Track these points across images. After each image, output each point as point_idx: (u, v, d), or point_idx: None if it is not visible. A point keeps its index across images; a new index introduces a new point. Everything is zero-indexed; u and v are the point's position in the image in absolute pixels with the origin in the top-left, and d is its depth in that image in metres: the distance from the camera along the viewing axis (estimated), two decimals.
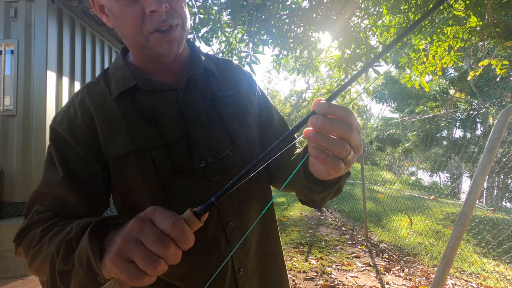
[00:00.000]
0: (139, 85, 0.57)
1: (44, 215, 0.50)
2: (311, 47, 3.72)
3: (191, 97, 0.60)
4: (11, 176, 3.83)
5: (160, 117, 0.57)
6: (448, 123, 14.91)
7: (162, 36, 0.52)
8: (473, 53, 11.19)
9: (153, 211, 0.36)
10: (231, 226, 0.58)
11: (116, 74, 0.60)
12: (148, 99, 0.58)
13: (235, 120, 0.62)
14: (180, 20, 0.53)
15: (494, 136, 1.09)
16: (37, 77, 3.93)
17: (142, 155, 0.54)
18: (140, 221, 0.35)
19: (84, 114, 0.56)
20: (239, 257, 0.59)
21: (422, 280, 2.88)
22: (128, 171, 0.54)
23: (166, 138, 0.55)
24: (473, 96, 14.65)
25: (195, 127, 0.58)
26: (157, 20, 0.50)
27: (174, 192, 0.55)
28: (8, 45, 4.02)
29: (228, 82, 0.66)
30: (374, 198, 7.76)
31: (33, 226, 0.49)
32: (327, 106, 0.37)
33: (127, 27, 0.52)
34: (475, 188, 1.08)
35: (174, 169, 0.54)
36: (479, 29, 3.31)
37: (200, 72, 0.62)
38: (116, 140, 0.54)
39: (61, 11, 4.28)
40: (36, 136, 3.85)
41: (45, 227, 0.46)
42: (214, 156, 0.57)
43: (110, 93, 0.58)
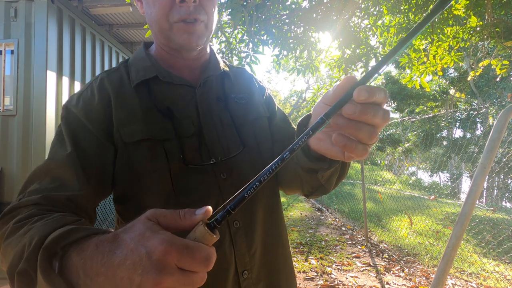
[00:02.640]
0: (159, 76, 0.58)
1: (31, 199, 0.45)
2: (311, 47, 3.72)
3: (206, 96, 0.61)
4: (11, 176, 3.83)
5: (176, 111, 0.58)
6: (448, 123, 14.92)
7: (185, 26, 0.54)
8: (473, 53, 11.20)
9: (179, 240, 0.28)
10: (236, 225, 0.57)
11: (137, 64, 0.60)
12: (166, 92, 0.59)
13: (246, 123, 0.63)
14: (205, 17, 0.55)
15: (494, 136, 1.09)
16: (37, 77, 3.93)
17: (155, 145, 0.54)
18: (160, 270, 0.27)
19: (102, 96, 0.56)
20: (243, 259, 0.57)
21: (422, 280, 2.88)
22: (138, 159, 0.54)
23: (180, 132, 0.56)
24: (473, 96, 14.66)
25: (208, 125, 0.59)
26: (184, 11, 0.53)
27: (181, 185, 0.54)
28: (8, 45, 4.02)
29: (241, 87, 0.68)
30: (374, 198, 7.76)
31: (15, 211, 0.44)
32: (368, 94, 0.32)
33: (155, 12, 0.54)
34: (475, 188, 1.08)
35: (184, 163, 0.54)
36: (479, 29, 3.31)
37: (217, 74, 0.64)
38: (130, 126, 0.54)
39: (61, 11, 4.28)
40: (36, 136, 3.85)
41: (19, 218, 0.40)
42: (224, 155, 0.58)
43: (129, 81, 0.59)
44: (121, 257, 0.28)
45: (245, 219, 0.58)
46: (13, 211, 0.44)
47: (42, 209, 0.43)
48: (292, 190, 0.66)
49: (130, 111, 0.55)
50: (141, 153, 0.53)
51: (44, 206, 0.44)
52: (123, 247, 0.29)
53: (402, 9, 3.38)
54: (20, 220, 0.40)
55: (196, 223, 0.31)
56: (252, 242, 0.58)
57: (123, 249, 0.28)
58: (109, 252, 0.29)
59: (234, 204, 0.32)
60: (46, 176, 0.49)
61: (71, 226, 0.34)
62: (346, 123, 0.34)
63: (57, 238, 0.32)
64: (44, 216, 0.40)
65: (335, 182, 0.54)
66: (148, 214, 0.31)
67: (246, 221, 0.58)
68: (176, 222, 0.31)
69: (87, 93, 0.57)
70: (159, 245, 0.27)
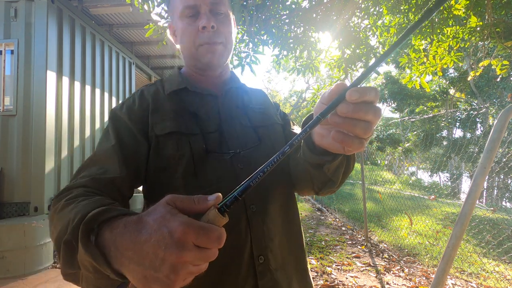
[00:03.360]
0: (188, 87, 0.71)
1: (81, 181, 0.54)
2: (311, 47, 3.72)
3: (228, 103, 0.73)
4: (11, 176, 3.83)
5: (201, 113, 0.69)
6: (448, 123, 14.91)
7: (208, 47, 0.67)
8: (473, 53, 11.20)
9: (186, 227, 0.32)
10: (253, 209, 0.62)
11: (170, 80, 0.75)
12: (193, 99, 0.71)
13: (262, 125, 0.73)
14: (223, 40, 0.69)
15: (494, 136, 1.09)
16: (37, 77, 3.93)
17: (181, 137, 0.64)
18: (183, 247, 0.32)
19: (141, 102, 0.69)
20: (260, 243, 0.61)
21: (422, 280, 2.88)
22: (168, 148, 0.63)
23: (203, 128, 0.66)
24: (473, 96, 14.65)
25: (228, 125, 0.69)
26: (206, 36, 0.66)
27: (203, 172, 0.62)
28: (8, 45, 4.01)
29: (258, 100, 0.81)
30: (374, 198, 7.76)
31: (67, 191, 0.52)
32: (359, 94, 0.37)
33: (186, 40, 0.69)
34: (475, 188, 1.08)
35: (206, 152, 0.63)
36: (479, 29, 3.31)
37: (236, 87, 0.77)
38: (163, 123, 0.65)
39: (61, 11, 4.28)
40: (36, 136, 3.85)
41: (69, 197, 0.48)
42: (241, 148, 0.67)
43: (163, 91, 0.72)
44: (147, 236, 0.33)
45: (262, 205, 0.64)
46: (66, 191, 0.52)
47: (87, 191, 0.51)
48: (305, 190, 0.70)
49: (163, 112, 0.67)
50: (170, 143, 0.63)
51: (90, 188, 0.53)
52: (148, 227, 0.33)
53: (402, 9, 3.38)
54: (70, 198, 0.48)
55: (208, 208, 0.35)
56: (269, 230, 0.63)
57: (147, 229, 0.33)
58: (135, 231, 0.34)
59: (241, 191, 0.36)
60: (94, 164, 0.59)
61: (105, 207, 0.40)
62: (342, 121, 0.39)
63: (94, 216, 0.38)
64: (88, 197, 0.47)
65: (342, 176, 0.59)
66: (167, 198, 0.36)
67: (263, 207, 0.64)
68: (191, 206, 0.35)
69: (129, 101, 0.71)
70: (179, 226, 0.32)
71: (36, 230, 3.23)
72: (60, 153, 4.15)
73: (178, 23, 0.70)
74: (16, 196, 3.78)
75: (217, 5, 0.67)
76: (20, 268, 3.09)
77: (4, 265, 3.04)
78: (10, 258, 3.06)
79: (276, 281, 0.61)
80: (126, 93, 6.20)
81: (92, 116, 4.95)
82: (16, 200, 3.78)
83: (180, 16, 0.68)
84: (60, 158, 4.14)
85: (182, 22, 0.68)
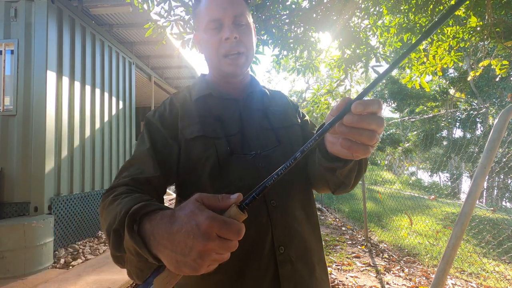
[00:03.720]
0: (212, 93, 0.78)
1: (123, 181, 0.63)
2: (311, 47, 3.72)
3: (249, 106, 0.79)
4: (11, 176, 3.83)
5: (224, 117, 0.75)
6: (448, 123, 14.90)
7: (230, 61, 0.72)
8: (473, 53, 11.19)
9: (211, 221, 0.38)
10: (273, 204, 0.68)
11: (196, 86, 0.81)
12: (217, 104, 0.77)
13: (282, 127, 0.78)
14: (245, 50, 0.73)
15: (494, 136, 1.09)
16: (37, 77, 3.93)
17: (207, 140, 0.70)
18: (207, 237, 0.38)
19: (171, 109, 0.76)
20: (279, 235, 0.66)
21: (422, 280, 2.88)
22: (195, 150, 0.70)
23: (227, 131, 0.72)
24: (473, 96, 14.65)
25: (250, 128, 0.75)
26: (228, 46, 0.71)
27: (227, 171, 0.69)
28: (8, 45, 4.01)
29: (278, 102, 0.85)
30: (374, 198, 7.76)
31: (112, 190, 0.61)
32: (363, 107, 0.42)
33: (209, 50, 0.74)
34: (475, 188, 1.08)
35: (230, 153, 0.69)
36: (479, 29, 3.31)
37: (257, 90, 0.83)
38: (191, 127, 0.72)
39: (61, 11, 4.27)
40: (36, 136, 3.85)
41: (115, 195, 0.57)
42: (262, 149, 0.72)
43: (190, 97, 0.78)
44: (178, 227, 0.39)
45: (281, 200, 0.69)
46: (111, 189, 0.61)
47: (129, 189, 0.60)
48: (322, 189, 0.76)
49: (191, 117, 0.74)
50: (198, 146, 0.70)
51: (131, 187, 0.61)
52: (179, 220, 0.40)
53: (402, 9, 3.38)
54: (115, 195, 0.57)
55: (231, 205, 0.41)
56: (288, 223, 0.68)
57: (179, 222, 0.40)
58: (169, 223, 0.41)
59: (259, 191, 0.42)
60: (133, 165, 0.67)
61: (145, 202, 0.48)
62: (348, 130, 0.44)
63: (136, 210, 0.46)
64: (129, 194, 0.56)
65: (354, 178, 0.63)
66: (196, 196, 0.42)
67: (282, 203, 0.69)
68: (216, 203, 0.41)
69: (161, 108, 0.78)
70: (205, 219, 0.38)
71: (36, 230, 3.23)
72: (60, 153, 4.15)
73: (203, 35, 0.75)
74: (16, 196, 3.78)
75: (239, 17, 0.72)
76: (20, 268, 3.09)
77: (4, 265, 3.04)
78: (10, 258, 3.06)
79: (297, 270, 0.66)
80: (126, 93, 6.20)
81: (92, 116, 4.95)
82: (16, 200, 3.78)
83: (205, 28, 0.74)
84: (60, 158, 4.14)
85: (206, 33, 0.74)
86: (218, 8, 0.71)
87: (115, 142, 5.64)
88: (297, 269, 0.66)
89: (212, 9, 0.72)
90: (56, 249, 3.91)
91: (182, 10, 3.03)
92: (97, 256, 3.76)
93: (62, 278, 3.00)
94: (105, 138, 5.32)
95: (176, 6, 3.00)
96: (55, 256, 3.68)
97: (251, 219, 0.59)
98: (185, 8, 2.99)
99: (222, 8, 0.71)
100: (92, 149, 4.91)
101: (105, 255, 3.74)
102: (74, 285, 2.82)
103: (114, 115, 5.65)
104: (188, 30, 3.08)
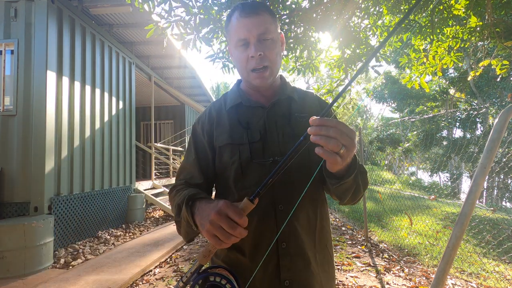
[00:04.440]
0: (243, 102, 0.90)
1: (181, 181, 0.89)
2: (311, 47, 3.72)
3: (273, 114, 0.88)
4: (11, 176, 3.83)
5: (251, 124, 0.86)
6: (448, 123, 14.90)
7: (257, 75, 0.83)
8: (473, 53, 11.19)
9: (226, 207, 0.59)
10: (281, 208, 0.79)
11: (231, 96, 0.94)
12: (247, 112, 0.89)
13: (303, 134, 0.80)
14: (269, 64, 0.82)
15: (494, 136, 1.09)
16: (37, 77, 3.93)
17: (234, 147, 0.84)
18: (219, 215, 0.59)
19: (210, 118, 0.91)
20: (283, 234, 0.78)
21: (422, 280, 2.88)
22: (225, 155, 0.84)
23: (251, 138, 0.84)
24: (473, 96, 14.65)
25: (272, 134, 0.85)
26: (255, 62, 0.81)
27: (248, 174, 0.82)
28: (8, 45, 4.02)
29: (305, 107, 0.92)
30: (374, 198, 7.76)
31: (175, 187, 0.87)
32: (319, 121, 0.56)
33: (239, 64, 0.85)
34: (475, 188, 1.08)
35: (251, 159, 0.82)
36: (479, 29, 3.31)
37: (284, 97, 0.90)
38: (222, 135, 0.86)
39: (61, 11, 4.28)
40: (36, 136, 3.85)
41: (177, 189, 0.83)
42: (280, 156, 0.82)
43: (225, 106, 0.92)
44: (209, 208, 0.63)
45: (288, 206, 0.79)
46: (174, 187, 0.87)
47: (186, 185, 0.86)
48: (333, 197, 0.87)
49: (222, 126, 0.88)
50: (226, 152, 0.84)
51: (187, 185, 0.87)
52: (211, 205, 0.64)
53: (402, 9, 3.38)
54: (178, 190, 0.83)
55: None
56: (292, 224, 0.79)
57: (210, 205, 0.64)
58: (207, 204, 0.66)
59: (261, 187, 0.59)
60: (185, 171, 0.91)
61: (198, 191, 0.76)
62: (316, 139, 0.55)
63: (191, 196, 0.73)
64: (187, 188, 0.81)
65: (350, 196, 0.76)
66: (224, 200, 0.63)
67: (289, 208, 0.79)
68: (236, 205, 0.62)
69: (203, 117, 0.94)
70: (223, 203, 0.60)
71: (36, 230, 3.23)
72: (60, 153, 4.15)
73: (234, 51, 0.86)
74: (16, 196, 3.78)
75: (263, 35, 0.81)
76: (20, 268, 3.09)
77: (4, 265, 3.04)
78: (10, 258, 3.06)
79: (295, 263, 0.79)
80: (126, 93, 6.20)
81: (92, 116, 4.95)
82: (16, 200, 3.78)
83: (235, 46, 0.84)
84: (60, 158, 4.14)
85: (236, 50, 0.84)
86: (244, 29, 0.81)
87: (115, 142, 5.64)
88: (295, 262, 0.79)
89: (239, 30, 0.81)
90: (56, 249, 3.91)
91: (183, 11, 3.03)
92: (97, 256, 3.76)
93: (62, 278, 3.00)
94: (105, 138, 5.32)
95: (177, 7, 3.00)
96: (55, 256, 3.68)
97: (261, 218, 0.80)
98: (185, 8, 2.99)
99: (247, 30, 0.80)
100: (92, 149, 4.91)
101: (105, 255, 3.74)
102: (74, 285, 2.82)
103: (114, 115, 5.65)
104: (188, 31, 3.08)
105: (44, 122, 3.87)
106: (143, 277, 3.17)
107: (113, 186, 5.51)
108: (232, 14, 0.85)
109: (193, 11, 3.02)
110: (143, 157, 9.51)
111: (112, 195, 5.41)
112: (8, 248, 3.06)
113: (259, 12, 0.81)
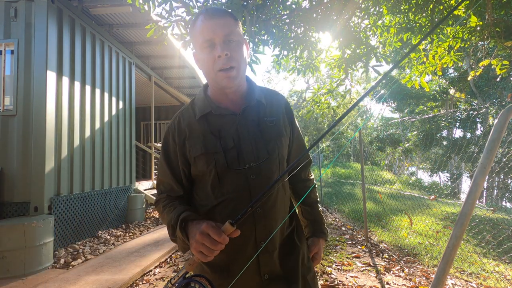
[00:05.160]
0: (212, 111, 0.90)
1: (162, 196, 0.94)
2: (311, 47, 3.72)
3: (244, 121, 0.90)
4: (11, 176, 3.83)
5: (223, 132, 0.88)
6: (448, 123, 14.90)
7: (224, 74, 0.83)
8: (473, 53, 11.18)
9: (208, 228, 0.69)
10: (258, 211, 0.86)
11: (199, 104, 0.94)
12: (217, 120, 0.90)
13: (272, 139, 0.91)
14: (236, 64, 0.83)
15: (494, 136, 1.09)
16: (37, 77, 3.93)
17: (209, 156, 0.86)
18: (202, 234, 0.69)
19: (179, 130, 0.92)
20: (260, 233, 0.86)
21: (422, 280, 2.88)
22: (200, 165, 0.87)
23: (224, 146, 0.86)
24: (473, 96, 14.64)
25: (245, 141, 0.87)
26: (221, 62, 0.82)
27: (224, 182, 0.86)
28: (8, 45, 4.01)
29: (273, 111, 0.96)
30: (374, 198, 7.76)
31: (159, 201, 0.94)
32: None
33: (206, 66, 0.86)
34: (475, 188, 1.08)
35: (227, 167, 0.85)
36: (479, 29, 3.31)
37: (253, 104, 0.92)
38: (195, 146, 0.88)
39: (61, 11, 4.28)
40: (36, 136, 3.85)
41: (164, 204, 0.90)
42: (254, 161, 0.86)
43: (194, 116, 0.92)
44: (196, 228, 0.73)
45: (265, 208, 0.86)
46: (159, 200, 0.94)
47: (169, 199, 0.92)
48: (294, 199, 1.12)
49: (195, 137, 0.89)
50: (202, 162, 0.87)
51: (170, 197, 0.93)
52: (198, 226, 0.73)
53: (402, 9, 3.38)
54: (164, 206, 0.90)
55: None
56: (268, 225, 0.87)
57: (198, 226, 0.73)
58: (196, 226, 0.74)
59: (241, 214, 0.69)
60: (162, 183, 0.96)
61: (188, 213, 0.81)
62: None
63: (184, 218, 0.80)
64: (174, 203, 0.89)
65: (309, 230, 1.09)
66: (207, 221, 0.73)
67: (265, 210, 0.87)
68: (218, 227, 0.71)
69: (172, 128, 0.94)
70: (205, 225, 0.70)
71: (36, 230, 3.23)
72: (60, 153, 4.15)
73: (200, 54, 0.86)
74: (16, 196, 3.78)
75: (229, 36, 0.83)
76: (20, 268, 3.09)
77: (4, 265, 3.04)
78: (10, 258, 3.06)
79: (272, 258, 0.88)
80: (126, 93, 6.20)
81: (92, 116, 4.95)
82: (16, 200, 3.78)
83: (201, 48, 0.85)
84: (60, 158, 4.14)
85: (202, 52, 0.85)
86: (209, 30, 0.82)
87: (115, 142, 5.64)
88: (272, 257, 0.88)
89: (204, 31, 0.82)
90: (56, 249, 3.91)
91: (183, 11, 3.03)
92: (97, 256, 3.76)
93: (62, 278, 3.00)
94: (105, 138, 5.31)
95: (177, 7, 3.00)
96: (55, 256, 3.68)
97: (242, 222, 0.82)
98: (186, 8, 2.99)
99: (212, 31, 0.81)
100: (92, 149, 4.91)
101: (105, 255, 3.74)
102: (74, 285, 2.82)
103: (114, 115, 5.65)
104: (189, 31, 3.08)
105: (44, 122, 3.87)
106: (143, 277, 3.17)
107: (113, 186, 5.51)
108: (196, 18, 0.86)
109: (194, 11, 3.02)
110: (143, 157, 9.51)
111: (112, 195, 5.41)
112: (8, 248, 3.05)
113: (223, 16, 0.84)
